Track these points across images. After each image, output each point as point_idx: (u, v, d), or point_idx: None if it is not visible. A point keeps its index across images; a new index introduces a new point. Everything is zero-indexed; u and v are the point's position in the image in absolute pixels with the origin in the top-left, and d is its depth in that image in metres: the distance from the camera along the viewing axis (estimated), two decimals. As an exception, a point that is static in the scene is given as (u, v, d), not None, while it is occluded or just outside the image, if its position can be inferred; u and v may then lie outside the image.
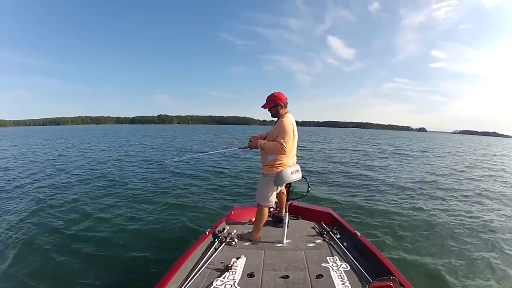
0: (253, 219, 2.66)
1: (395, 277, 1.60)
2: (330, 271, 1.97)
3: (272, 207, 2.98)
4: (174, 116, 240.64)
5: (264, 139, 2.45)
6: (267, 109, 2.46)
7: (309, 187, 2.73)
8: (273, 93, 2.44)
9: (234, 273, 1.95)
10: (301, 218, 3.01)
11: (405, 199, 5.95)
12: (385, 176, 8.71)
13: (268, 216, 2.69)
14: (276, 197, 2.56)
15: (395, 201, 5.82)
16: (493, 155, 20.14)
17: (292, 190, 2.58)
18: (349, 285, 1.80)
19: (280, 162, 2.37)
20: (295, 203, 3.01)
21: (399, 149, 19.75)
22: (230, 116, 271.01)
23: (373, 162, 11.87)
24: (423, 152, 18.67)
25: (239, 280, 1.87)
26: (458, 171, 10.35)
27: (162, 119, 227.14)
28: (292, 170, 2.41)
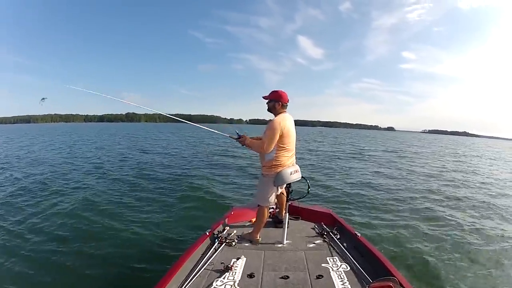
0: (253, 220, 2.67)
1: (395, 277, 1.61)
2: (330, 272, 1.97)
3: (272, 208, 2.98)
4: (142, 114, 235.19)
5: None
6: (266, 101, 2.49)
7: (309, 187, 2.73)
8: (278, 90, 2.46)
9: (234, 273, 1.95)
10: (301, 219, 3.00)
11: (405, 200, 5.96)
12: (385, 176, 8.72)
13: (268, 216, 2.69)
14: (276, 198, 2.56)
15: (395, 201, 5.82)
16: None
17: (292, 190, 2.58)
18: (349, 286, 1.79)
19: (279, 163, 2.37)
20: (295, 203, 3.01)
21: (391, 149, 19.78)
22: (197, 115, 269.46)
23: (370, 162, 11.88)
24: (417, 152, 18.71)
25: (239, 280, 1.87)
26: (453, 171, 10.38)
27: (130, 117, 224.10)
28: (291, 171, 2.40)
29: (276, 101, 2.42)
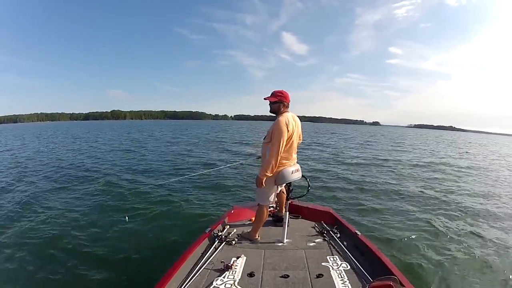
0: (253, 219, 2.66)
1: (395, 276, 1.61)
2: (330, 271, 1.97)
3: (272, 206, 2.98)
4: (127, 111, 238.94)
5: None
6: (269, 103, 2.43)
7: (309, 186, 2.73)
8: (279, 90, 2.43)
9: (234, 272, 1.95)
10: (301, 218, 3.00)
11: (404, 198, 5.96)
12: (384, 175, 8.72)
13: (268, 215, 2.69)
14: (276, 196, 2.56)
15: (395, 200, 5.82)
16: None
17: (292, 189, 2.58)
18: (349, 285, 1.79)
19: (280, 162, 2.35)
20: (295, 202, 3.01)
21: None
22: (182, 111, 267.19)
23: (371, 159, 11.87)
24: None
25: (239, 279, 1.87)
26: (459, 168, 10.38)
27: (116, 115, 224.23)
28: (292, 170, 2.40)
29: (281, 102, 2.39)
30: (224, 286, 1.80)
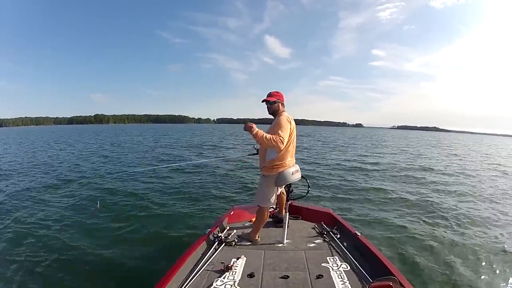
0: (253, 220, 2.66)
1: (395, 276, 1.61)
2: (330, 271, 1.97)
3: (272, 207, 2.98)
4: (111, 115, 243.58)
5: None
6: (268, 103, 2.42)
7: (309, 187, 2.73)
8: (275, 91, 2.47)
9: (234, 273, 1.95)
10: (301, 219, 3.01)
11: (406, 199, 5.95)
12: (384, 176, 8.72)
13: (268, 216, 2.69)
14: (276, 197, 2.56)
15: (396, 201, 5.82)
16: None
17: (292, 190, 2.58)
18: (349, 285, 1.79)
19: (280, 163, 2.36)
20: (295, 203, 3.01)
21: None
22: (165, 115, 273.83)
23: (371, 162, 11.87)
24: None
25: (239, 280, 1.87)
26: (455, 169, 10.38)
27: (99, 119, 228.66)
28: (292, 171, 2.40)
29: (279, 102, 2.44)
30: (224, 287, 1.80)
